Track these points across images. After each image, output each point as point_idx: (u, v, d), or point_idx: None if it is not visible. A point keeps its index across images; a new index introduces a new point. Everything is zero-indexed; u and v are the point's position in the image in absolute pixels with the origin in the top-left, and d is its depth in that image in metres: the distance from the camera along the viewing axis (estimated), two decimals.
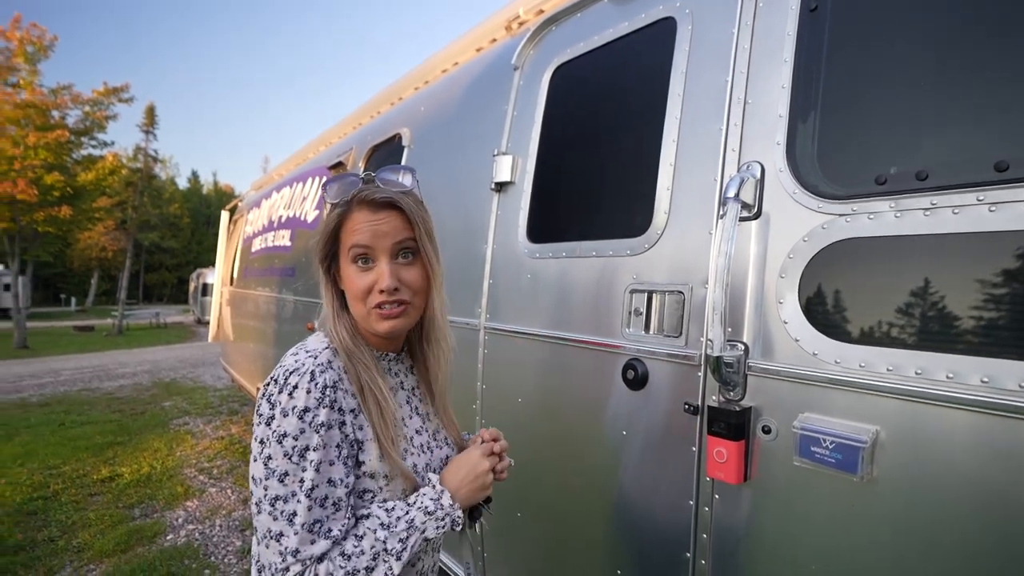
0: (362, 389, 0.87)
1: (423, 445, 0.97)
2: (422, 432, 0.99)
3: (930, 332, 0.89)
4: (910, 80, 0.98)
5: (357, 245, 0.88)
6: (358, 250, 0.89)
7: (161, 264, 46.77)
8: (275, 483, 0.79)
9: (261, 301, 4.80)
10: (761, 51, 1.20)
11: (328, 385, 0.83)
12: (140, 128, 23.82)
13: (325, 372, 0.84)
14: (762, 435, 1.10)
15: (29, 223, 13.42)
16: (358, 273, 0.89)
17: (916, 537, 0.90)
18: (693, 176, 1.30)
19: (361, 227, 0.88)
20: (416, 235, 0.91)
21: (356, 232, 0.89)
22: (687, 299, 1.27)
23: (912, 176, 0.93)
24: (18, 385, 8.56)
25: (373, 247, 0.88)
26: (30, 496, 4.02)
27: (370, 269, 0.89)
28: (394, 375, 1.00)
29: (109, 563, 3.12)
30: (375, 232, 0.88)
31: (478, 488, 0.94)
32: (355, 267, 0.90)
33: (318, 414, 0.80)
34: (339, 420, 0.83)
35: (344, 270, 0.92)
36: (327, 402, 0.82)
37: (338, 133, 4.06)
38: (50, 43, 14.25)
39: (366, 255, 0.89)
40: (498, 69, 2.12)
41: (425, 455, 0.96)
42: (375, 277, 0.89)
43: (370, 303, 0.89)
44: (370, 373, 0.89)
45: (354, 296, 0.90)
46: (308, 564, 0.78)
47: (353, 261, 0.90)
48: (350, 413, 0.85)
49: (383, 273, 0.88)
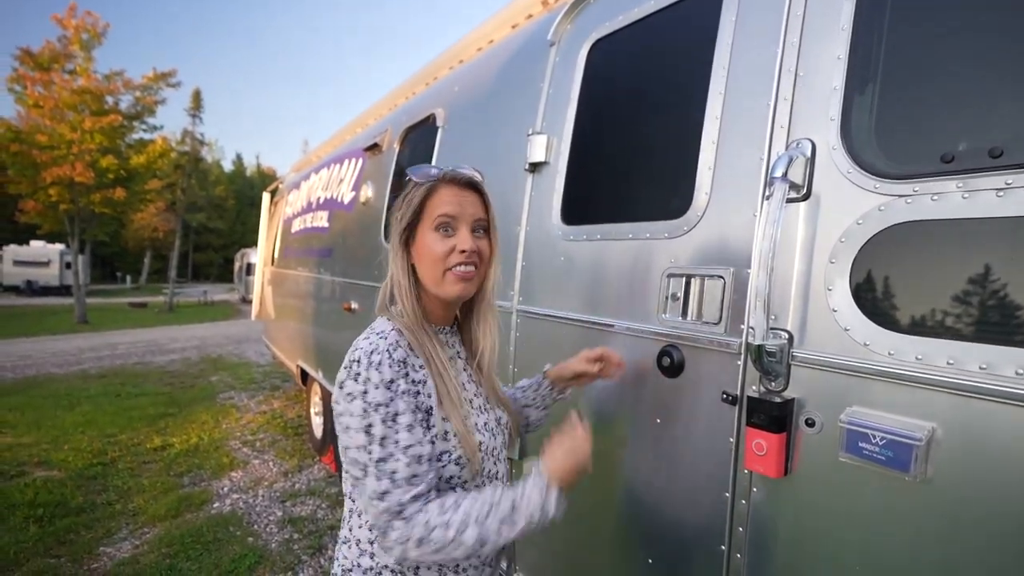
0: (430, 361, 0.99)
1: (480, 407, 1.10)
2: (478, 395, 1.11)
3: (998, 324, 0.82)
4: (983, 46, 0.89)
5: (445, 214, 1.01)
6: (444, 218, 1.01)
7: (208, 244, 48.63)
8: (377, 447, 0.90)
9: (300, 281, 4.91)
10: (816, 18, 1.11)
11: (401, 360, 0.94)
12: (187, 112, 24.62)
13: (397, 350, 0.95)
14: (805, 428, 1.04)
15: (87, 204, 14.13)
16: (440, 239, 1.01)
17: (972, 543, 0.84)
18: (737, 155, 1.23)
19: (450, 199, 1.02)
20: (489, 215, 1.07)
21: (445, 203, 1.01)
22: (728, 284, 1.21)
23: (984, 153, 0.85)
24: (79, 358, 9.11)
25: (457, 217, 1.01)
26: (91, 462, 4.29)
27: (450, 236, 1.01)
28: (451, 346, 1.12)
29: (161, 527, 3.31)
30: (462, 203, 1.02)
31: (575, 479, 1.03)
32: (437, 234, 1.01)
33: (400, 384, 0.92)
34: (414, 390, 0.95)
35: (424, 238, 1.02)
36: (403, 373, 0.93)
37: (374, 115, 4.07)
38: (103, 30, 14.79)
39: (449, 224, 1.01)
40: (533, 46, 2.06)
41: (484, 415, 1.09)
42: (455, 242, 1.01)
43: (449, 263, 1.00)
44: (433, 347, 1.01)
45: (433, 259, 1.01)
46: (408, 508, 0.89)
47: (436, 229, 1.01)
48: (421, 383, 0.97)
49: (464, 237, 1.01)
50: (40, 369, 8.05)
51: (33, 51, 13.77)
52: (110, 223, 17.72)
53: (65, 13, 14.22)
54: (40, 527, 3.23)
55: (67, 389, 6.76)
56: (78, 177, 13.06)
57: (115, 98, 14.85)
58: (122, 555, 3.00)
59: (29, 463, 4.26)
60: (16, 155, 13.00)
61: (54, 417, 5.52)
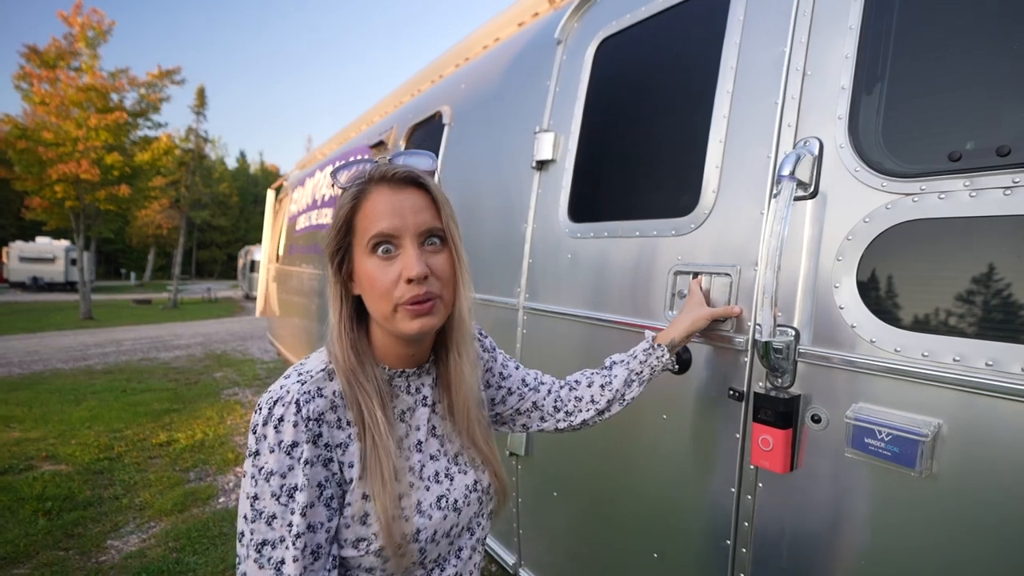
0: (362, 418, 0.77)
1: (437, 474, 0.85)
2: (438, 457, 0.86)
3: (1004, 321, 0.82)
4: (991, 44, 0.89)
5: (381, 233, 0.75)
6: (379, 236, 0.75)
7: (212, 241, 48.78)
8: (263, 526, 0.70)
9: (305, 277, 4.94)
10: (824, 17, 1.12)
11: (312, 417, 0.73)
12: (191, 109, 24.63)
13: (311, 401, 0.74)
14: (811, 424, 1.05)
15: (92, 201, 14.16)
16: (379, 265, 0.76)
17: (977, 539, 0.85)
18: (745, 153, 1.24)
19: (381, 208, 0.75)
20: (442, 218, 0.79)
21: (376, 215, 0.75)
22: (734, 282, 1.22)
23: (992, 151, 0.86)
24: (85, 353, 9.15)
25: (397, 230, 0.75)
26: (97, 456, 4.32)
27: (393, 258, 0.76)
28: (413, 391, 0.87)
29: (167, 522, 3.33)
30: (398, 211, 0.75)
31: None
32: (375, 259, 0.76)
33: (303, 450, 0.72)
34: (325, 457, 0.74)
35: (361, 265, 0.78)
36: (314, 435, 0.73)
37: (379, 112, 4.08)
38: (108, 28, 14.81)
39: (388, 241, 0.76)
40: (540, 43, 2.07)
41: (441, 485, 0.84)
42: (400, 267, 0.75)
43: (396, 298, 0.75)
44: (369, 400, 0.77)
45: (377, 293, 0.76)
46: None
47: (372, 251, 0.76)
48: (338, 448, 0.75)
49: (411, 259, 0.74)
50: (47, 365, 8.10)
51: (39, 48, 13.82)
52: (115, 220, 17.78)
53: (71, 10, 14.26)
54: (49, 520, 3.26)
55: (73, 385, 6.80)
56: (83, 174, 13.10)
57: (120, 95, 14.88)
58: (129, 549, 3.02)
59: (37, 457, 4.29)
60: (23, 152, 13.06)
61: (61, 412, 5.56)
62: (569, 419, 1.09)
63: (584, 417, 1.10)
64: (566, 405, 1.10)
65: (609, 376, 1.13)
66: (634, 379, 1.13)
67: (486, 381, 1.04)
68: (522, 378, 1.08)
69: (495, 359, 1.06)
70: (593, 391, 1.11)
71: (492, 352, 1.06)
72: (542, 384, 1.10)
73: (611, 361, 1.17)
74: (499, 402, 1.06)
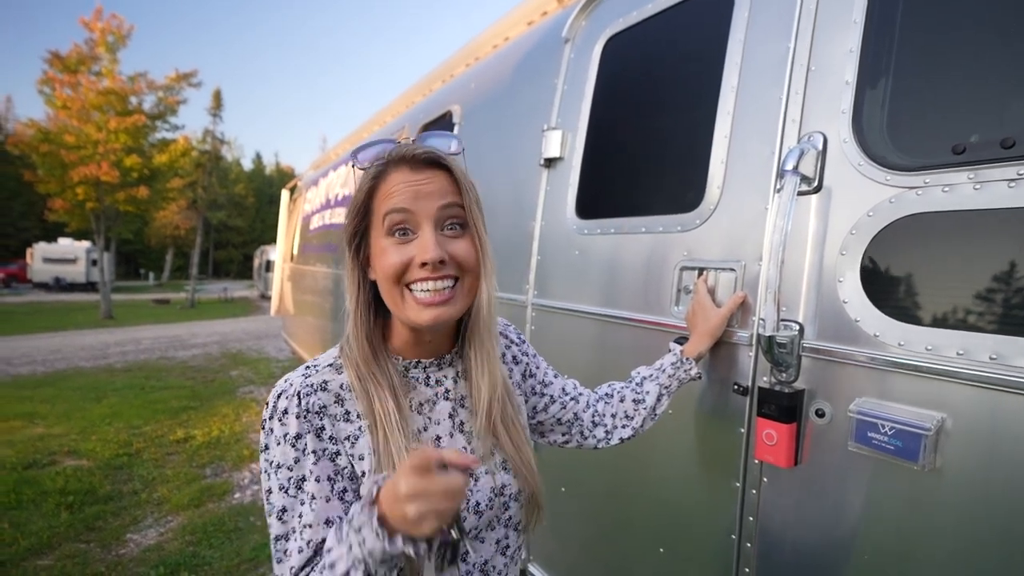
0: (373, 411, 0.73)
1: None
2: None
3: (1008, 315, 0.82)
4: (995, 37, 0.89)
5: (394, 210, 0.71)
6: (395, 217, 0.71)
7: (228, 242, 49.45)
8: (275, 522, 0.71)
9: (319, 277, 5.00)
10: (828, 12, 1.12)
11: (313, 410, 0.72)
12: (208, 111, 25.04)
13: (312, 394, 0.72)
14: (815, 418, 1.06)
15: (112, 203, 14.46)
16: (394, 246, 0.72)
17: (981, 532, 0.84)
18: (749, 149, 1.24)
19: (399, 188, 0.72)
20: (464, 202, 0.75)
21: (393, 195, 0.72)
22: (739, 277, 1.22)
23: (996, 144, 0.85)
24: (105, 352, 9.35)
25: (414, 212, 0.71)
26: (117, 452, 4.42)
27: (409, 242, 0.72)
28: (432, 383, 0.82)
29: (184, 516, 3.40)
30: (416, 192, 0.71)
31: (411, 516, 0.56)
32: (391, 240, 0.73)
33: (307, 441, 0.71)
34: (332, 451, 0.72)
35: (376, 245, 0.74)
36: (317, 427, 0.72)
37: (391, 112, 4.12)
38: (128, 32, 15.10)
39: (405, 224, 0.72)
40: (548, 42, 2.08)
41: None
42: (416, 250, 0.71)
43: (408, 281, 0.72)
44: (381, 391, 0.74)
45: (388, 276, 0.72)
46: None
47: (389, 234, 0.73)
48: (345, 441, 0.73)
49: (427, 242, 0.70)
50: (69, 363, 8.29)
51: (62, 54, 14.13)
52: (134, 221, 18.14)
53: (92, 16, 14.56)
54: (71, 513, 3.35)
55: (94, 382, 6.96)
56: (104, 176, 13.38)
57: (139, 98, 15.17)
58: (148, 542, 3.09)
59: (59, 452, 4.40)
60: (45, 155, 13.37)
61: (82, 409, 5.69)
62: (608, 437, 1.08)
63: (622, 435, 1.09)
64: (603, 421, 1.08)
65: (641, 393, 1.12)
66: (663, 393, 1.13)
67: (531, 387, 1.00)
68: (562, 387, 1.05)
69: (537, 365, 1.02)
70: (627, 406, 1.10)
71: (534, 358, 1.02)
72: (580, 395, 1.08)
73: (640, 376, 1.15)
74: (541, 410, 1.02)
